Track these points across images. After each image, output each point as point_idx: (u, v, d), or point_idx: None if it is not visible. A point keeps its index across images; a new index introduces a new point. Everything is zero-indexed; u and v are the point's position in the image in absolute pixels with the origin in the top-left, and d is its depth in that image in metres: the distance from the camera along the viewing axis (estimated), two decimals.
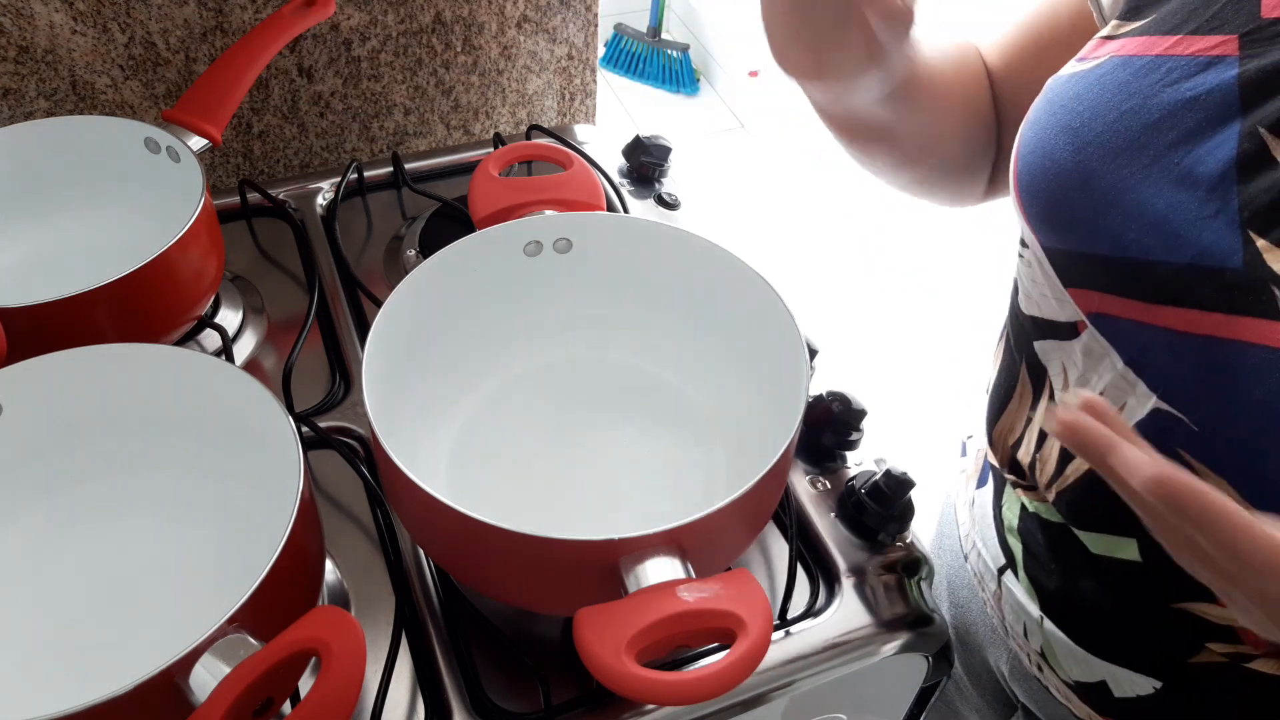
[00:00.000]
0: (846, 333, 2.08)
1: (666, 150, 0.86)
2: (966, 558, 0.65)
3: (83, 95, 0.79)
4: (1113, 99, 0.46)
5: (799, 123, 2.63)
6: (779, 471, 0.49)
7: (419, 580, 0.59)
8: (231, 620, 0.42)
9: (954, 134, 0.60)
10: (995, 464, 0.59)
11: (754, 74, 2.64)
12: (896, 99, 0.55)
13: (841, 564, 0.61)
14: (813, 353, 0.69)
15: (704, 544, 0.47)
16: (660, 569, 0.44)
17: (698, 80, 2.79)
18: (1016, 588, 0.59)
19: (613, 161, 0.87)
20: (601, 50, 2.75)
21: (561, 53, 0.94)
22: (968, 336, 2.06)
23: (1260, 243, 0.41)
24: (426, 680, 0.55)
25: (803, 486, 0.65)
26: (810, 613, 0.59)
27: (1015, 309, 0.56)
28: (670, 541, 0.45)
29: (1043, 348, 0.53)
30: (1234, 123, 0.42)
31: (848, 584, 0.60)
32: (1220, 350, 0.42)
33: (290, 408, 0.66)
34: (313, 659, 0.42)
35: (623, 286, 0.64)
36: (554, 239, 0.62)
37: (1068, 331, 0.51)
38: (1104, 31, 0.49)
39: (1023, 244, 0.53)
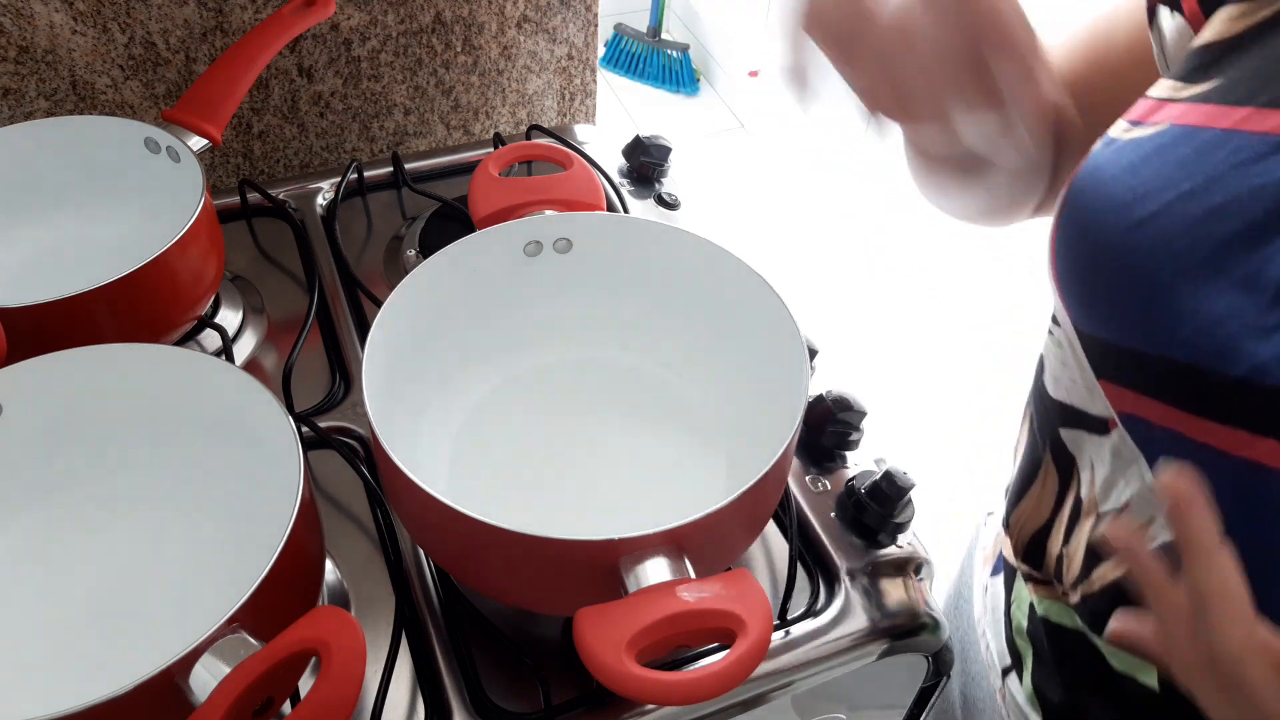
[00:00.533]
0: (846, 333, 2.07)
1: (666, 150, 0.86)
2: (979, 641, 0.62)
3: (83, 95, 0.79)
4: (1171, 176, 0.40)
5: (799, 123, 2.64)
6: (779, 471, 0.49)
7: (419, 580, 0.59)
8: (231, 620, 0.42)
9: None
10: (1008, 556, 0.55)
11: (754, 74, 2.64)
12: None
13: (841, 564, 0.61)
14: (813, 353, 0.69)
15: (704, 544, 0.47)
16: (660, 569, 0.44)
17: (698, 80, 2.79)
18: (1019, 693, 0.56)
19: (613, 161, 0.87)
20: (601, 50, 2.75)
21: (561, 53, 0.94)
22: (968, 336, 2.06)
23: None
24: (426, 680, 0.55)
25: (803, 486, 0.65)
26: (810, 613, 0.59)
27: (1040, 389, 0.52)
28: (670, 541, 0.45)
29: (1070, 436, 0.49)
30: None
31: (848, 584, 0.60)
32: (1270, 481, 0.38)
33: (290, 408, 0.66)
34: (313, 659, 0.42)
35: (623, 286, 0.64)
36: (554, 239, 0.62)
37: (1097, 426, 0.46)
38: (1161, 92, 0.43)
39: (1054, 321, 0.49)
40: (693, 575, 0.44)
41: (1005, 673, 0.58)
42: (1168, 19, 0.45)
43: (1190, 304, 0.39)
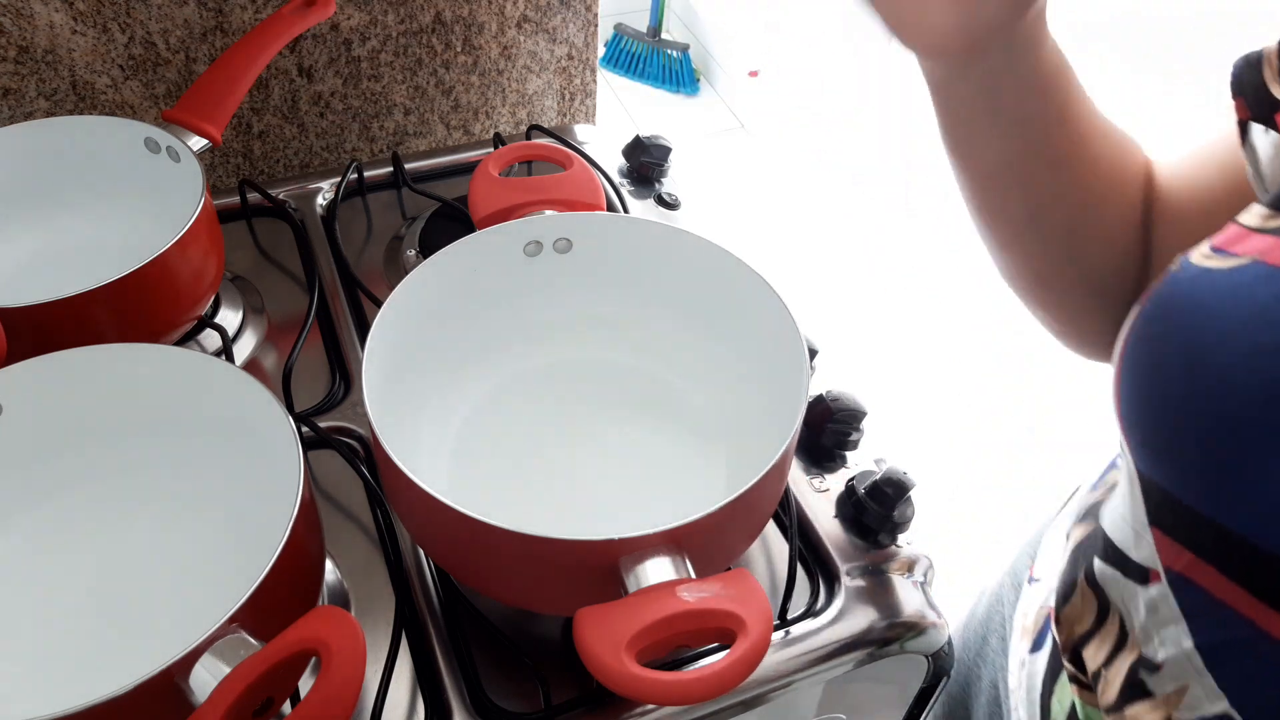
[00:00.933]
0: (846, 333, 2.08)
1: (666, 150, 0.86)
2: (1009, 713, 0.57)
3: (83, 95, 0.79)
4: (1249, 326, 0.35)
5: (799, 123, 2.64)
6: (779, 471, 0.49)
7: (419, 580, 0.59)
8: (231, 620, 0.42)
9: (1100, 226, 0.50)
10: (1058, 640, 0.50)
11: (754, 74, 2.64)
12: (1044, 138, 0.46)
13: (841, 564, 0.61)
14: (813, 353, 0.69)
15: (704, 544, 0.47)
16: (660, 569, 0.44)
17: (698, 80, 2.79)
18: None
19: (613, 161, 0.87)
20: (601, 50, 2.75)
21: (561, 53, 0.94)
22: (968, 336, 2.07)
23: None
24: (426, 680, 0.55)
25: (803, 486, 0.65)
26: (810, 613, 0.59)
27: (1096, 506, 0.48)
28: (670, 541, 0.45)
29: (1102, 571, 0.45)
30: None
31: (848, 584, 0.60)
32: None
33: (290, 408, 0.66)
34: (313, 659, 0.42)
35: (623, 286, 0.64)
36: (554, 239, 0.62)
37: (1136, 574, 0.42)
38: (1251, 220, 0.38)
39: (1120, 449, 0.44)
40: (693, 575, 0.44)
41: None
42: (1261, 137, 0.41)
43: (1263, 478, 0.35)
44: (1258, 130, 0.41)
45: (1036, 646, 0.53)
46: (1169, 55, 2.92)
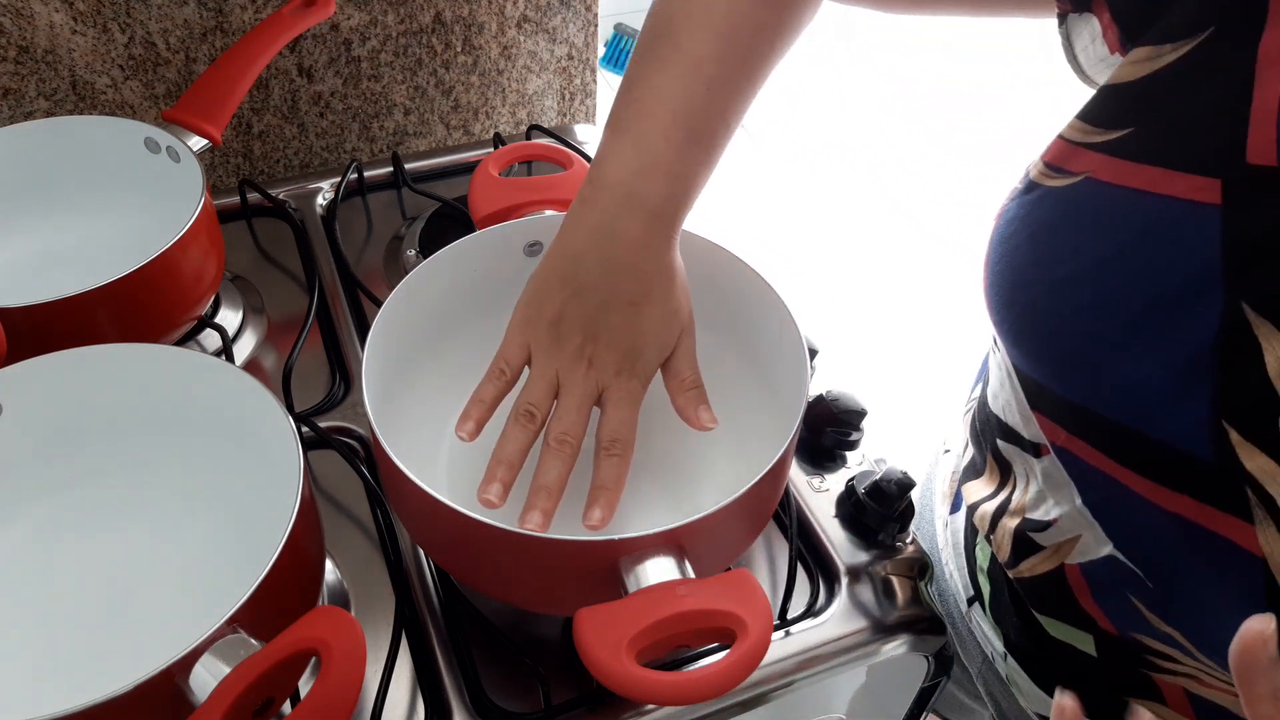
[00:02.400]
0: (846, 333, 2.08)
1: None
2: (943, 569, 0.65)
3: (83, 95, 0.79)
4: (1089, 241, 0.41)
5: (799, 123, 2.64)
6: (779, 471, 0.49)
7: (419, 580, 0.58)
8: (231, 620, 0.42)
9: None
10: (969, 509, 0.58)
11: None
12: None
13: (841, 564, 0.61)
14: (813, 353, 0.69)
15: (704, 544, 0.47)
16: (660, 569, 0.44)
17: None
18: (984, 622, 0.59)
19: None
20: (601, 50, 2.75)
21: (561, 53, 0.94)
22: (968, 336, 2.06)
23: (1234, 436, 0.37)
24: (426, 680, 0.55)
25: (803, 486, 0.65)
26: (810, 613, 0.59)
27: (984, 397, 0.54)
28: (670, 541, 0.45)
29: (1006, 449, 0.51)
30: (1215, 291, 0.37)
31: (847, 584, 0.60)
32: (1189, 530, 0.39)
33: (290, 408, 0.66)
34: (313, 659, 0.42)
35: None
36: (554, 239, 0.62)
37: (1030, 449, 0.48)
38: (1075, 135, 0.42)
39: (995, 342, 0.50)
40: (693, 575, 0.44)
41: (970, 601, 0.60)
42: (1076, 20, 0.44)
43: (1109, 367, 0.40)
44: (1075, 18, 0.45)
45: (954, 509, 0.61)
46: None
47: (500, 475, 0.50)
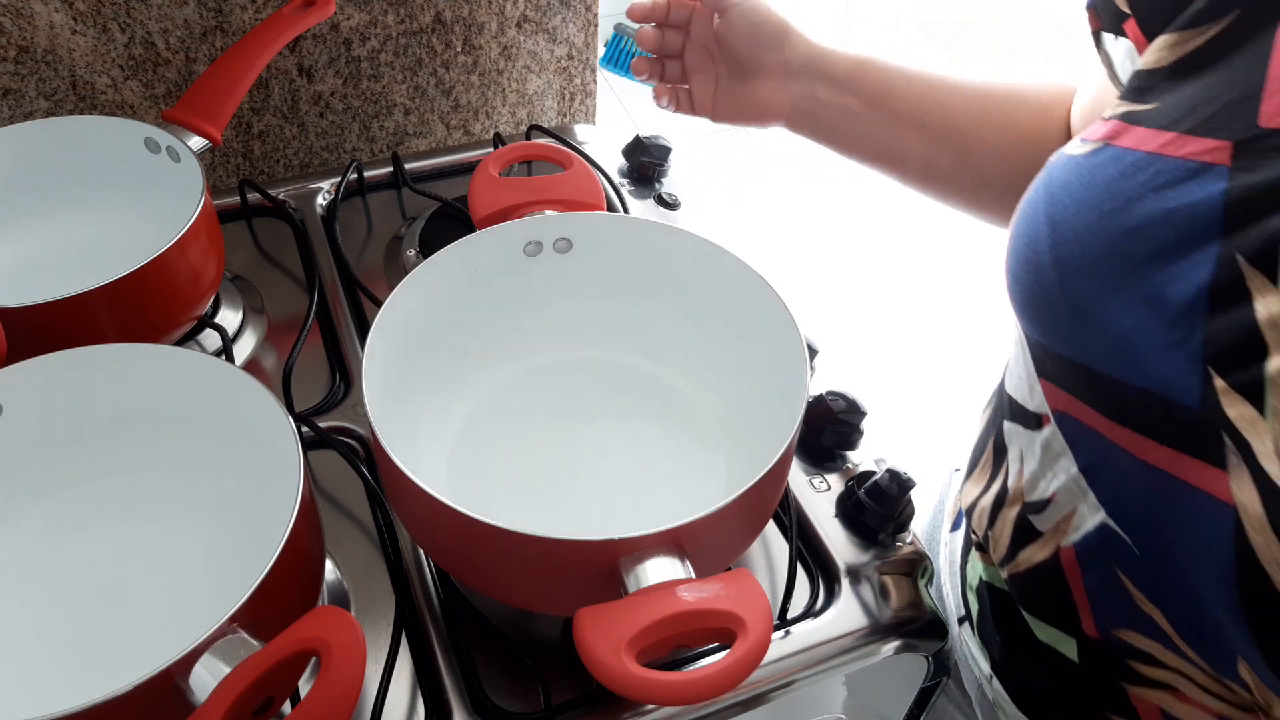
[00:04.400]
0: (846, 333, 2.08)
1: (666, 150, 0.86)
2: (940, 588, 0.65)
3: (83, 95, 0.79)
4: (1098, 197, 0.43)
5: None
6: (779, 471, 0.49)
7: (419, 580, 0.58)
8: (231, 620, 0.42)
9: (997, 148, 0.63)
10: (963, 511, 0.59)
11: None
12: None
13: (841, 564, 0.61)
14: (813, 352, 0.69)
15: (704, 544, 0.47)
16: (660, 569, 0.44)
17: None
18: (971, 641, 0.59)
19: (613, 161, 0.87)
20: (601, 50, 2.74)
21: (561, 53, 0.94)
22: (968, 336, 2.06)
23: (1219, 383, 0.38)
24: (426, 680, 0.55)
25: (803, 486, 0.65)
26: (810, 613, 0.59)
27: (1002, 381, 0.56)
28: (670, 541, 0.45)
29: (1009, 429, 0.53)
30: (1213, 244, 0.39)
31: (848, 584, 0.60)
32: (1168, 486, 0.41)
33: (290, 408, 0.66)
34: (313, 659, 0.42)
35: (623, 286, 0.64)
36: (554, 239, 0.62)
37: (1033, 421, 0.50)
38: (1110, 111, 0.45)
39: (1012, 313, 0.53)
40: (693, 575, 0.44)
41: (960, 621, 0.61)
42: (1113, 43, 0.48)
43: (1105, 318, 0.42)
44: (1109, 39, 0.48)
45: (955, 527, 0.63)
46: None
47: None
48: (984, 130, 0.63)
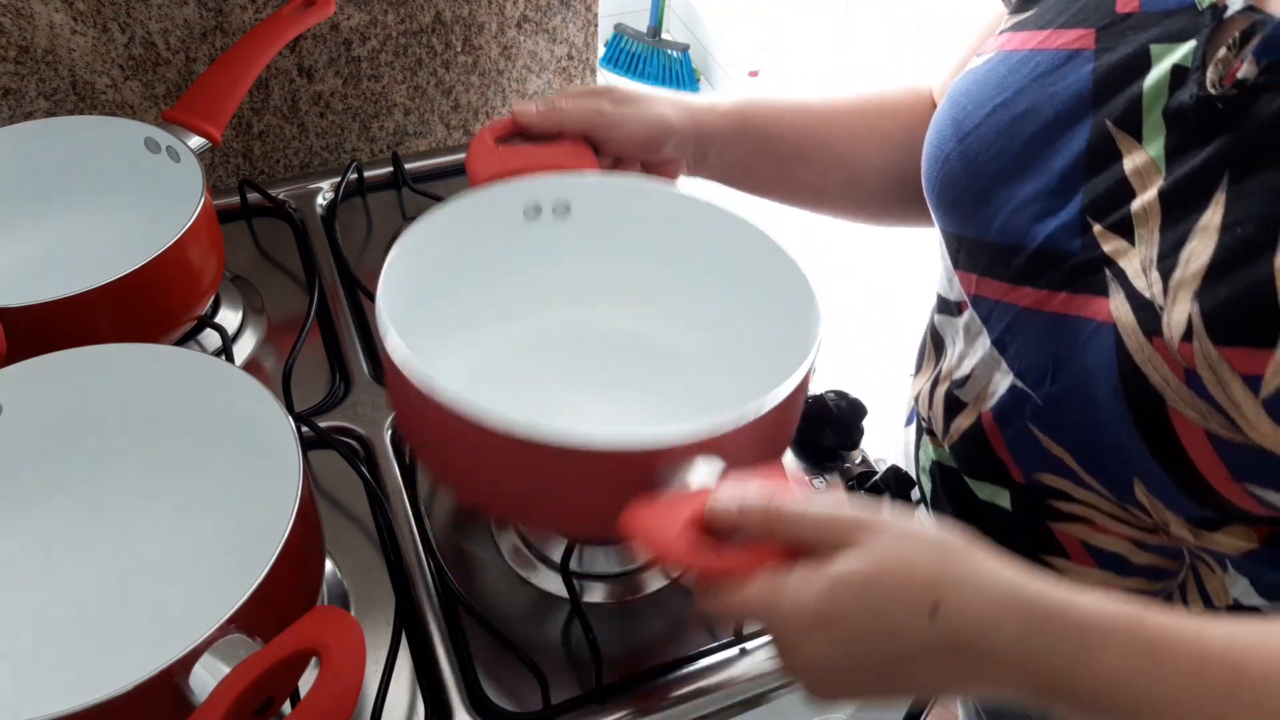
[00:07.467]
0: (846, 333, 2.08)
1: None
2: None
3: (83, 95, 0.79)
4: (991, 93, 0.50)
5: None
6: (799, 393, 0.50)
7: (419, 580, 0.58)
8: (231, 620, 0.42)
9: (869, 165, 0.67)
10: (918, 410, 0.64)
11: (754, 74, 2.64)
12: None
13: None
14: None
15: (739, 456, 0.46)
16: (701, 475, 0.44)
17: (698, 80, 2.79)
18: (926, 521, 0.60)
19: None
20: (601, 50, 2.75)
21: (561, 53, 0.94)
22: None
23: (1096, 227, 0.45)
24: (426, 680, 0.55)
25: (803, 486, 0.64)
26: None
27: (938, 295, 0.62)
28: (711, 449, 0.44)
29: (939, 321, 0.60)
30: (1087, 117, 0.46)
31: None
32: (1062, 326, 0.47)
33: (290, 408, 0.66)
34: (313, 659, 0.42)
35: (623, 249, 0.63)
36: (553, 202, 0.62)
37: (954, 309, 0.57)
38: (1000, 25, 0.53)
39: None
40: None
41: (917, 503, 0.65)
42: None
43: (1003, 196, 0.49)
44: None
45: (909, 422, 0.67)
46: None
47: None
48: (864, 149, 0.67)
